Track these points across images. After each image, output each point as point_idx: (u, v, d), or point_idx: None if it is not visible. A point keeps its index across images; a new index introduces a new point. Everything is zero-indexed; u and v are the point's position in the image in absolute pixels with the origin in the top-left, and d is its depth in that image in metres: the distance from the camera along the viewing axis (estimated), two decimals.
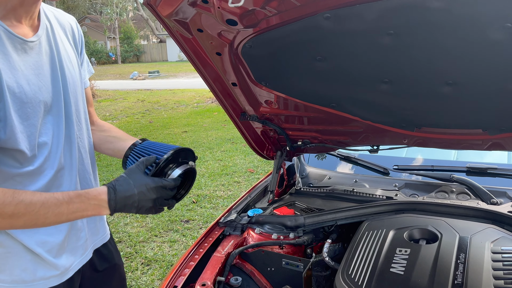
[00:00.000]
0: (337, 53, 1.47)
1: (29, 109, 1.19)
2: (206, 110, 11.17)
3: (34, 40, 1.24)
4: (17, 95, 1.15)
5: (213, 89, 1.85)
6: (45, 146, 1.26)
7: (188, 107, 11.97)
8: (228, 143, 7.41)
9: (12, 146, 1.17)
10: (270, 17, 1.36)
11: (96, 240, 1.54)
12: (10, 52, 1.15)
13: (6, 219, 1.10)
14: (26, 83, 1.18)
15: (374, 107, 1.70)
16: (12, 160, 1.20)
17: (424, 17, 1.21)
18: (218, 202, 4.73)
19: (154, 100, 13.69)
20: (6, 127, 1.14)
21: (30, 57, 1.22)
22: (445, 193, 1.89)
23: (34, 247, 1.28)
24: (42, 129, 1.25)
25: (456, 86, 1.44)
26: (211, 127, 9.00)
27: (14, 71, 1.15)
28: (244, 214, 1.92)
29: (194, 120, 9.92)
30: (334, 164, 2.37)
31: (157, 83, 19.54)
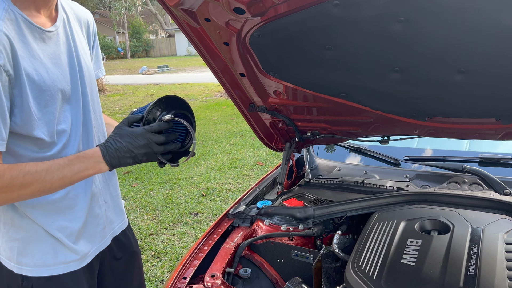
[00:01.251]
0: (347, 41, 1.45)
1: (48, 97, 1.23)
2: (215, 104, 11.16)
3: (52, 30, 1.28)
4: (36, 82, 1.19)
5: (221, 81, 1.83)
6: (64, 134, 1.31)
7: (197, 101, 11.98)
8: (237, 137, 7.41)
9: (28, 132, 1.21)
10: (278, 5, 1.33)
11: (114, 228, 1.57)
12: (29, 41, 1.19)
13: (15, 191, 1.16)
14: (45, 71, 1.22)
15: (384, 97, 1.67)
16: (32, 144, 1.25)
17: (435, 3, 1.18)
18: (227, 195, 4.73)
19: (163, 94, 13.72)
20: (22, 112, 1.18)
21: (48, 46, 1.26)
22: (457, 184, 1.86)
23: (54, 232, 1.33)
24: (61, 117, 1.30)
25: (468, 74, 1.41)
26: (220, 120, 9.00)
27: (33, 59, 1.19)
28: (253, 205, 1.91)
29: (203, 114, 9.93)
30: (343, 156, 2.34)
31: (166, 77, 19.57)
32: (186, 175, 5.46)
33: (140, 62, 31.15)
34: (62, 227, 1.35)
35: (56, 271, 1.35)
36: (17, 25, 1.17)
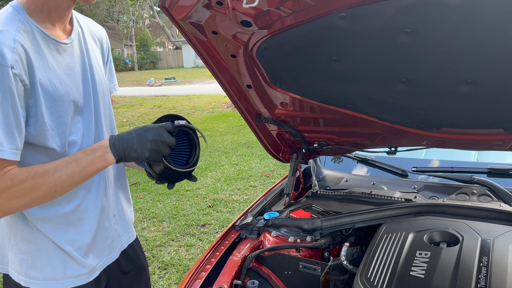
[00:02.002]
0: (353, 53, 1.45)
1: (61, 107, 1.25)
2: (222, 115, 11.20)
3: (67, 43, 1.30)
4: (50, 93, 1.21)
5: (228, 92, 1.84)
6: (75, 145, 1.32)
7: (203, 113, 12.03)
8: (243, 148, 7.41)
9: (41, 142, 1.23)
10: (284, 18, 1.35)
11: (122, 241, 1.57)
12: (44, 52, 1.22)
13: (28, 194, 1.16)
14: (59, 82, 1.24)
15: (391, 108, 1.67)
16: (44, 156, 1.26)
17: (442, 14, 1.19)
18: (234, 206, 4.72)
19: (171, 106, 13.80)
20: (36, 123, 1.20)
21: (63, 58, 1.28)
22: (465, 195, 1.85)
23: (64, 245, 1.33)
24: (72, 128, 1.31)
25: (476, 85, 1.41)
26: (226, 131, 9.02)
27: (47, 70, 1.21)
28: (260, 217, 1.91)
29: (209, 125, 9.96)
30: (351, 167, 2.34)
31: (173, 89, 19.70)
32: (193, 186, 5.46)
33: (147, 74, 31.40)
34: (72, 240, 1.35)
35: (65, 285, 1.34)
36: (33, 37, 1.20)
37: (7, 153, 1.12)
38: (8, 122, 1.11)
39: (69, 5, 1.28)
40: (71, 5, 1.28)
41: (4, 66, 1.09)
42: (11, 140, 1.13)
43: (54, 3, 1.24)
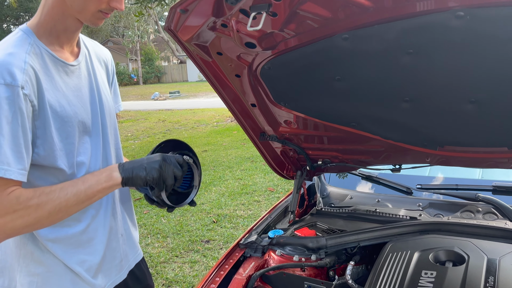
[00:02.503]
0: (356, 73, 1.47)
1: (69, 128, 1.27)
2: (226, 129, 11.23)
3: (74, 64, 1.34)
4: (58, 114, 1.24)
5: (232, 110, 1.86)
6: (83, 166, 1.34)
7: (208, 126, 12.07)
8: (247, 162, 7.42)
9: (51, 163, 1.24)
10: (288, 39, 1.37)
11: (130, 261, 1.57)
12: (53, 74, 1.25)
13: (32, 213, 1.16)
14: (67, 103, 1.27)
15: (395, 126, 1.68)
16: (52, 177, 1.27)
17: (444, 36, 1.20)
18: (239, 221, 4.70)
19: (175, 120, 13.86)
20: (45, 143, 1.21)
21: (70, 79, 1.31)
22: (471, 213, 1.84)
23: (74, 266, 1.34)
24: (80, 149, 1.33)
25: (479, 104, 1.41)
26: (230, 146, 9.03)
27: (56, 91, 1.24)
28: (264, 235, 1.90)
29: (214, 139, 9.98)
30: (355, 183, 2.34)
31: (177, 103, 19.80)
32: (197, 202, 5.46)
33: (152, 88, 31.61)
34: (82, 261, 1.35)
35: None
36: (42, 59, 1.23)
37: (14, 173, 1.13)
38: (17, 142, 1.13)
39: (77, 28, 1.31)
40: (79, 27, 1.31)
41: (15, 87, 1.12)
42: (20, 160, 1.14)
43: (62, 25, 1.27)
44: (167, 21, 1.36)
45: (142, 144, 9.98)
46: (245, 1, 1.20)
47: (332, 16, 1.23)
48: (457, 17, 1.12)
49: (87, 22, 1.28)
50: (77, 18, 1.26)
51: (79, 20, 1.28)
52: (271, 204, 5.14)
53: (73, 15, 1.25)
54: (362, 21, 1.22)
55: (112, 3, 1.24)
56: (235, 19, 1.28)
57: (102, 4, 1.23)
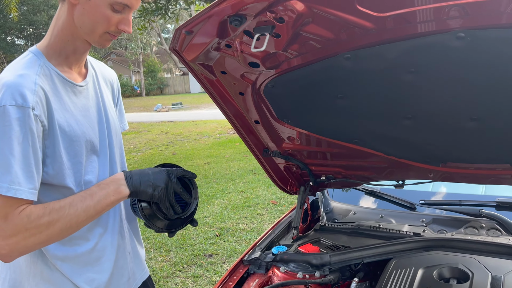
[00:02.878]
0: (358, 91, 1.48)
1: (77, 147, 1.30)
2: (228, 141, 11.26)
3: (82, 85, 1.37)
4: (67, 133, 1.27)
5: (235, 126, 1.87)
6: (90, 184, 1.35)
7: (210, 138, 12.10)
8: (250, 174, 7.42)
9: (59, 182, 1.27)
10: (291, 59, 1.39)
11: (137, 279, 1.58)
12: (62, 94, 1.28)
13: (44, 231, 1.18)
14: (75, 123, 1.30)
15: (397, 143, 1.69)
16: (60, 195, 1.29)
17: (445, 56, 1.22)
18: (241, 235, 4.69)
19: (177, 131, 13.90)
20: (54, 163, 1.24)
21: (78, 99, 1.34)
22: (474, 229, 1.84)
23: (82, 285, 1.35)
24: (88, 167, 1.35)
25: (481, 121, 1.43)
26: (233, 158, 9.05)
27: (65, 111, 1.27)
28: (268, 251, 1.90)
29: (216, 151, 10.00)
30: (359, 199, 2.34)
31: (180, 114, 19.88)
32: (199, 215, 5.46)
33: (154, 99, 31.76)
34: (90, 280, 1.36)
35: None
36: (51, 80, 1.26)
37: (25, 192, 1.15)
38: (27, 161, 1.16)
39: (85, 49, 1.35)
40: (87, 48, 1.35)
41: (26, 108, 1.15)
42: (30, 180, 1.17)
43: (72, 47, 1.31)
44: (172, 41, 1.38)
45: (145, 157, 10.00)
46: (249, 23, 1.22)
47: (334, 37, 1.25)
48: (458, 38, 1.14)
49: (95, 44, 1.31)
50: (85, 39, 1.30)
51: (88, 42, 1.31)
52: (274, 217, 5.14)
53: (82, 37, 1.29)
54: (364, 42, 1.24)
55: (120, 26, 1.28)
56: (239, 40, 1.31)
57: (110, 26, 1.27)
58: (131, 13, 1.29)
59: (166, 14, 8.70)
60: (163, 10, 8.52)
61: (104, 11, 1.23)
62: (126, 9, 1.26)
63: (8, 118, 1.14)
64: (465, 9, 1.06)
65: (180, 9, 9.63)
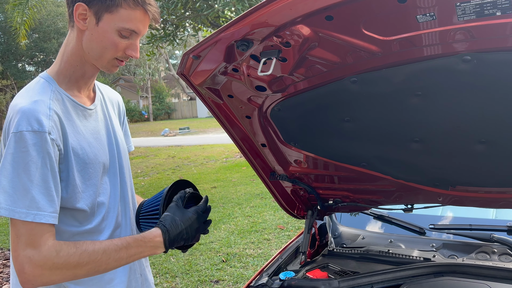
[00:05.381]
0: (365, 114, 1.49)
1: (91, 170, 1.31)
2: (235, 165, 11.25)
3: (92, 108, 1.39)
4: (80, 156, 1.28)
5: (242, 149, 1.88)
6: (103, 206, 1.37)
7: (217, 162, 12.11)
8: (257, 199, 7.38)
9: (73, 205, 1.27)
10: (297, 82, 1.40)
11: None
12: (73, 118, 1.31)
13: (71, 269, 1.19)
14: (88, 146, 1.32)
15: (405, 166, 1.68)
16: (72, 219, 1.29)
17: (451, 79, 1.23)
18: (248, 261, 4.63)
19: (184, 156, 13.93)
20: (68, 186, 1.25)
21: (89, 122, 1.37)
22: (486, 254, 1.80)
23: None
24: (100, 189, 1.36)
25: (489, 144, 1.42)
26: (240, 182, 9.02)
27: (77, 135, 1.29)
28: (275, 277, 1.87)
29: (223, 175, 9.99)
30: (367, 223, 2.31)
31: (187, 139, 19.97)
32: (206, 240, 5.41)
33: (162, 124, 32.00)
34: None
35: None
36: (63, 104, 1.29)
37: (45, 216, 1.16)
38: (47, 186, 1.17)
39: (94, 73, 1.38)
40: (95, 73, 1.38)
41: (43, 133, 1.17)
42: (51, 204, 1.18)
43: (81, 71, 1.34)
44: (180, 66, 1.40)
45: (152, 181, 10.01)
46: (255, 47, 1.24)
47: (340, 61, 1.26)
48: (464, 61, 1.14)
49: (103, 69, 1.33)
50: (94, 64, 1.32)
51: (96, 66, 1.33)
52: (281, 242, 5.07)
53: (90, 62, 1.32)
54: (370, 65, 1.25)
55: (128, 51, 1.30)
56: (245, 64, 1.32)
57: (118, 52, 1.29)
58: (139, 38, 1.31)
59: (174, 40, 8.86)
60: (171, 37, 8.68)
61: (111, 37, 1.25)
62: (133, 35, 1.28)
63: (25, 144, 1.15)
64: (470, 33, 1.06)
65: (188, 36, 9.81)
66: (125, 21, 1.24)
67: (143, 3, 1.24)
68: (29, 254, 1.15)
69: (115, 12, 1.23)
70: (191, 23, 8.77)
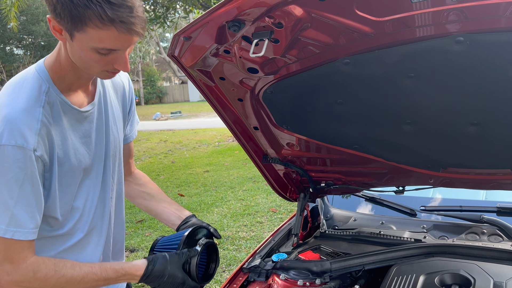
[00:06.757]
0: (358, 96, 1.48)
1: (70, 177, 1.26)
2: (227, 149, 11.25)
3: (88, 110, 1.30)
4: (63, 165, 1.23)
5: (234, 133, 1.87)
6: (77, 210, 1.32)
7: (209, 146, 12.09)
8: (249, 182, 7.40)
9: (50, 213, 1.23)
10: (290, 64, 1.38)
11: None
12: (64, 124, 1.22)
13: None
14: (73, 153, 1.25)
15: (397, 148, 1.68)
16: (45, 224, 1.24)
17: (444, 60, 1.22)
18: (241, 243, 4.66)
19: (176, 140, 13.89)
20: (49, 195, 1.21)
21: (81, 126, 1.29)
22: (475, 235, 1.83)
23: None
24: (78, 194, 1.31)
25: (481, 126, 1.42)
26: (232, 166, 9.03)
27: (65, 142, 1.22)
28: (268, 259, 1.89)
29: (215, 159, 9.99)
30: (359, 205, 2.33)
31: (179, 123, 19.88)
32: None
33: (153, 108, 31.78)
34: None
35: None
36: (55, 108, 1.20)
37: (24, 234, 1.13)
38: (29, 202, 1.13)
39: (90, 77, 1.28)
40: (92, 76, 1.29)
41: (27, 150, 1.10)
42: (32, 220, 1.14)
43: (75, 75, 1.24)
44: (170, 47, 1.38)
45: (144, 165, 9.98)
46: (247, 28, 1.22)
47: (333, 42, 1.25)
48: (457, 42, 1.14)
49: (97, 77, 1.27)
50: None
51: None
52: (273, 225, 5.11)
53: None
54: (363, 47, 1.24)
55: (115, 65, 1.17)
56: (237, 45, 1.30)
57: (104, 66, 1.17)
58: (126, 52, 1.16)
59: (165, 22, 8.74)
60: (161, 19, 8.56)
61: (89, 54, 1.12)
62: (114, 52, 1.13)
63: (7, 159, 1.09)
64: (464, 13, 1.05)
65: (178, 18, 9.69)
66: (96, 41, 1.08)
67: (112, 21, 1.04)
68: (7, 269, 1.13)
69: (82, 32, 1.07)
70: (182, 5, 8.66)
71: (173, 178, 8.20)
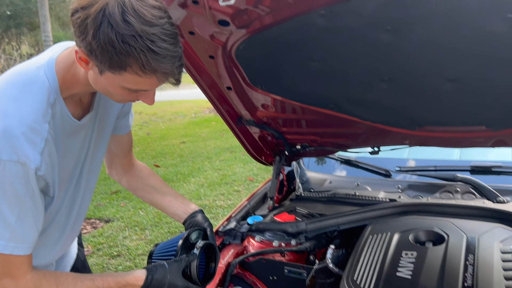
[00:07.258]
0: (334, 52, 1.43)
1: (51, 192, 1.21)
2: (204, 120, 11.14)
3: (85, 121, 1.25)
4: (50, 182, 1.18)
5: (208, 95, 1.81)
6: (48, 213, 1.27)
7: (186, 118, 11.95)
8: (227, 152, 7.36)
9: None
10: (263, 17, 1.32)
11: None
12: (61, 138, 1.18)
13: None
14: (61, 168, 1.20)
15: (373, 107, 1.65)
16: None
17: (421, 11, 1.18)
18: (218, 212, 4.66)
19: (151, 112, 13.65)
20: None
21: (74, 139, 1.25)
22: (449, 193, 1.84)
23: None
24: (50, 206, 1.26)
25: (457, 82, 1.40)
26: (209, 137, 8.96)
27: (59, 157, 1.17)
28: (243, 222, 1.87)
29: (192, 130, 9.88)
30: (334, 168, 2.32)
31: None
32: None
33: None
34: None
35: None
36: (56, 120, 1.14)
37: (24, 249, 1.10)
38: (29, 218, 1.10)
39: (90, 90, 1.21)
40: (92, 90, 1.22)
41: (30, 168, 1.05)
42: (32, 235, 1.11)
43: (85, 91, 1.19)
44: None
45: None
46: None
47: None
48: None
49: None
50: None
51: None
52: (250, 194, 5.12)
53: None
54: None
55: (141, 98, 1.12)
56: None
57: (131, 99, 1.14)
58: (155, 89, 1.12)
59: None
60: None
61: (118, 90, 1.07)
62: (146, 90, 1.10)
63: (9, 175, 1.03)
64: None
65: None
66: (131, 83, 1.04)
67: (154, 71, 0.99)
68: (6, 284, 1.10)
69: (118, 74, 1.01)
70: None
71: (149, 150, 8.09)
